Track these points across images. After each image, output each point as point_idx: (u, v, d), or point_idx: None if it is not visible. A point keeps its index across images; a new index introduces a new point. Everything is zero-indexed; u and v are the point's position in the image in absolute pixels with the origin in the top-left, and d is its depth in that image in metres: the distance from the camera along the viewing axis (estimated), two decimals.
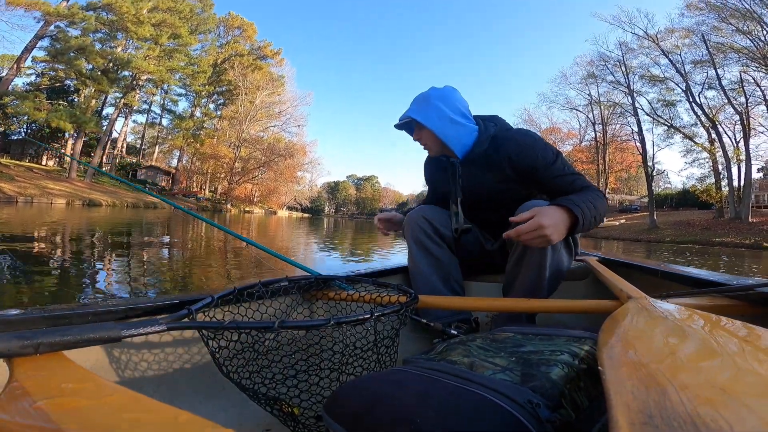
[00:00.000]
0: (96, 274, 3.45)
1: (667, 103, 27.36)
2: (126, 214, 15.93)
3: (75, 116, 26.75)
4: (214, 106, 45.30)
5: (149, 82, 35.56)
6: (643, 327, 0.54)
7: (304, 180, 56.90)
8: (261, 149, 43.18)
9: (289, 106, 45.86)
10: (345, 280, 1.08)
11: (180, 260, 4.66)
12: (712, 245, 18.14)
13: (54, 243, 5.35)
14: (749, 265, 8.71)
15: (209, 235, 8.68)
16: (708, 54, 23.62)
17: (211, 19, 39.81)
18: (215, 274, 3.82)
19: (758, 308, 0.77)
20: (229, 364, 0.70)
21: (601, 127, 31.06)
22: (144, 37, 31.08)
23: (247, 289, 0.90)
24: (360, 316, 0.69)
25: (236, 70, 41.23)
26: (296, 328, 0.67)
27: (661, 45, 25.80)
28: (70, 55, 28.03)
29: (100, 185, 30.22)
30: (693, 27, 24.17)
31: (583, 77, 31.20)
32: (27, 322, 0.61)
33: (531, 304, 0.92)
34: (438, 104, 1.21)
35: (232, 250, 5.92)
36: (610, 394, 0.31)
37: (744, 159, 23.55)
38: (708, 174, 28.84)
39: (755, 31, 21.30)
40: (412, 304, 0.83)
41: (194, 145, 40.29)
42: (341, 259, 6.21)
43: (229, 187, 41.89)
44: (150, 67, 31.34)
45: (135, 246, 5.75)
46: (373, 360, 0.79)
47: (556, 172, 1.17)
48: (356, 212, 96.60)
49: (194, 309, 0.68)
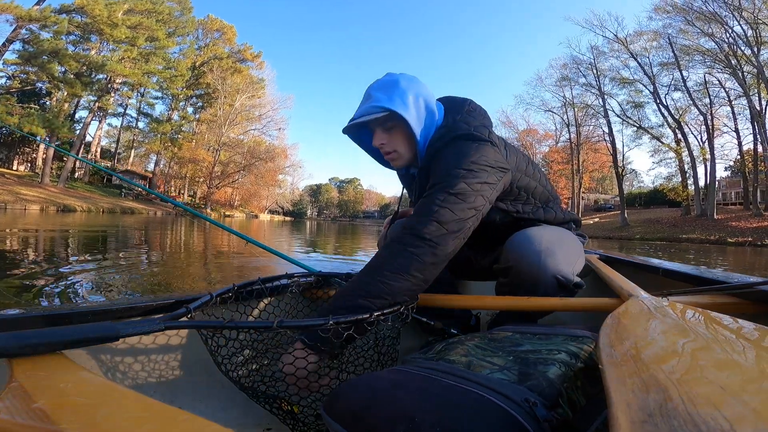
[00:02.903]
0: (67, 281, 3.12)
1: (635, 105, 28.47)
2: (103, 220, 15.68)
3: (48, 121, 26.07)
4: (193, 109, 44.67)
5: (125, 85, 34.88)
6: (643, 325, 0.54)
7: (286, 183, 56.80)
8: (241, 153, 42.82)
9: (269, 109, 45.67)
10: (345, 278, 1.07)
11: (160, 265, 4.67)
12: (679, 242, 18.99)
13: (35, 249, 5.36)
14: (715, 259, 9.12)
15: (188, 240, 8.73)
16: (674, 56, 24.68)
17: (189, 22, 39.27)
18: (193, 279, 3.76)
19: (759, 306, 0.77)
20: (228, 362, 0.69)
21: (575, 128, 32.00)
22: (119, 40, 30.51)
23: (247, 287, 0.89)
24: (360, 316, 0.69)
25: (215, 73, 40.82)
26: (296, 328, 0.66)
27: (630, 48, 26.78)
28: (43, 59, 27.32)
29: (74, 191, 29.47)
30: (660, 30, 25.24)
31: (557, 80, 32.20)
32: (26, 321, 0.62)
33: (531, 303, 0.90)
34: (412, 92, 0.96)
35: (214, 254, 6.00)
36: (611, 393, 0.31)
37: (709, 158, 24.68)
38: (675, 173, 30.10)
39: (719, 33, 22.29)
40: (412, 303, 0.82)
41: (172, 149, 39.62)
42: (329, 260, 6.35)
43: (208, 191, 41.29)
44: (125, 70, 30.74)
45: (112, 251, 5.77)
46: (374, 360, 0.79)
47: (432, 182, 0.91)
48: (339, 215, 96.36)
49: (192, 308, 0.67)
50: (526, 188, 1.05)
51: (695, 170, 25.75)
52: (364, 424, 0.48)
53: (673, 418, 0.23)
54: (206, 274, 4.09)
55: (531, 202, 1.08)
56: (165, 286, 3.09)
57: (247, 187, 44.72)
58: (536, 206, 1.10)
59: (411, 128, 0.94)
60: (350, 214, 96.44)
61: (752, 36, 20.73)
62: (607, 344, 0.46)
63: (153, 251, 5.82)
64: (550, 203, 1.13)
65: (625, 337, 0.48)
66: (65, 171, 30.61)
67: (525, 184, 1.04)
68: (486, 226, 0.99)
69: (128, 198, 34.57)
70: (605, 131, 29.20)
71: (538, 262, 0.93)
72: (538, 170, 1.11)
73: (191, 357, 0.84)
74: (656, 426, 0.23)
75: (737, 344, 0.41)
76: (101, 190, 34.19)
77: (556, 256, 0.95)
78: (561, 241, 1.00)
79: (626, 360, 0.38)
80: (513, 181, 1.01)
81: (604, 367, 0.38)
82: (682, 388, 0.27)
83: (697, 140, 26.22)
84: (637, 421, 0.24)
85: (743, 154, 25.96)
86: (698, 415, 0.23)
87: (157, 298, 0.80)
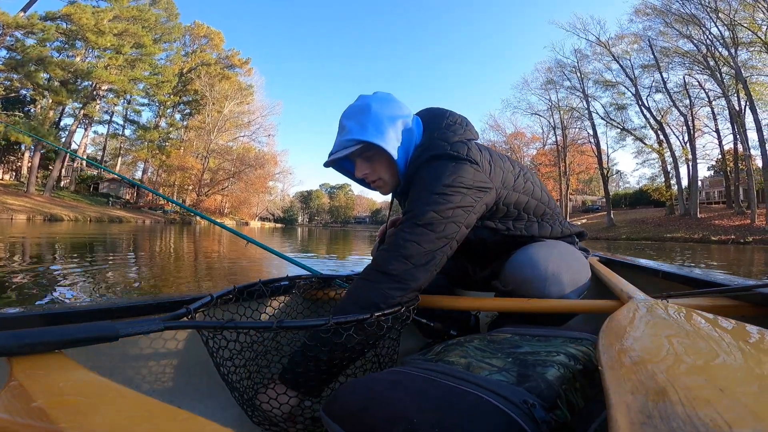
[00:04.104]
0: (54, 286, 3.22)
1: (619, 107, 29.17)
2: (91, 229, 15.50)
3: (34, 129, 25.72)
4: (181, 116, 44.36)
5: (110, 92, 34.55)
6: (643, 327, 0.54)
7: (276, 190, 56.45)
8: (230, 160, 42.61)
9: (258, 116, 45.51)
10: (346, 279, 1.06)
11: (149, 274, 4.71)
12: (664, 241, 19.43)
13: (29, 259, 5.33)
14: (701, 256, 9.37)
15: (178, 247, 8.71)
16: (654, 58, 25.29)
17: (176, 28, 39.12)
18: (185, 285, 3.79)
19: (759, 309, 0.77)
20: (228, 364, 0.69)
21: (561, 131, 32.52)
22: (105, 47, 30.27)
23: (247, 289, 0.89)
24: (360, 317, 0.68)
25: (203, 79, 40.65)
26: (295, 329, 0.66)
27: (612, 51, 27.45)
28: (29, 67, 27.01)
29: (60, 200, 29.03)
30: (641, 32, 25.92)
31: (543, 83, 32.82)
32: (26, 321, 0.63)
33: (531, 304, 0.89)
34: (386, 115, 0.92)
35: (204, 260, 6.04)
36: (610, 394, 0.31)
37: (691, 158, 25.29)
38: (658, 174, 30.76)
39: (697, 35, 22.90)
40: (413, 304, 0.81)
41: (160, 157, 39.25)
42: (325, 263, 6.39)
43: (197, 198, 40.85)
44: (111, 77, 30.50)
45: (101, 259, 5.76)
46: (373, 361, 0.80)
47: (405, 209, 0.91)
48: (330, 221, 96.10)
49: (192, 308, 0.67)
50: (515, 204, 0.98)
51: (677, 170, 26.40)
52: (363, 424, 0.48)
53: (672, 420, 0.23)
54: (211, 274, 4.12)
55: (523, 218, 1.01)
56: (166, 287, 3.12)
57: (236, 194, 44.38)
58: (530, 221, 1.02)
59: (390, 155, 0.90)
60: (341, 219, 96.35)
61: (729, 37, 21.33)
62: (606, 346, 0.46)
63: (157, 257, 5.82)
64: (546, 216, 1.05)
65: (624, 339, 0.48)
66: (51, 180, 30.15)
67: (514, 199, 0.98)
68: (476, 244, 0.99)
69: (116, 207, 34.12)
70: (590, 133, 29.86)
71: (542, 290, 0.89)
72: (532, 181, 1.03)
73: (191, 357, 0.84)
74: (655, 427, 0.23)
75: (737, 346, 0.41)
76: (88, 199, 33.74)
77: (562, 282, 0.90)
78: (568, 264, 0.94)
79: (626, 362, 0.38)
80: (499, 199, 0.94)
81: (603, 369, 0.38)
82: (681, 390, 0.27)
83: (680, 141, 26.96)
84: (636, 422, 0.24)
85: (724, 153, 26.64)
86: (697, 417, 0.23)
87: (157, 298, 0.81)
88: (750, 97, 20.63)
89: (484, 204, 0.90)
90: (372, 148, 0.92)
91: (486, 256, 1.10)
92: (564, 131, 32.42)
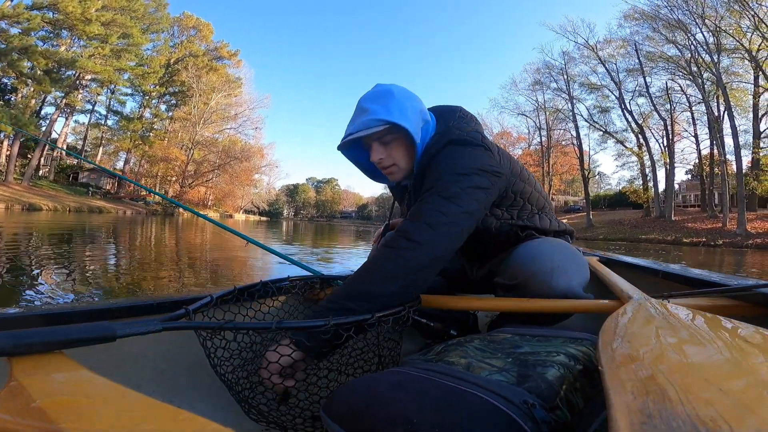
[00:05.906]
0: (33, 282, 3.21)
1: (602, 110, 29.72)
2: (71, 219, 15.30)
3: (16, 118, 25.10)
4: (166, 107, 43.63)
5: (94, 81, 33.81)
6: (643, 327, 0.54)
7: (262, 183, 55.97)
8: (216, 152, 42.23)
9: (245, 109, 45.18)
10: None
11: (127, 269, 4.62)
12: (639, 242, 20.00)
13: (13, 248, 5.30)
14: (672, 258, 9.73)
15: (159, 239, 8.72)
16: (639, 63, 25.81)
17: (164, 18, 38.38)
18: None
19: (758, 309, 0.77)
20: (227, 364, 0.69)
21: (546, 132, 33.06)
22: (92, 35, 29.60)
23: (248, 289, 0.89)
24: (361, 317, 0.68)
25: (190, 71, 40.11)
26: (295, 329, 0.66)
27: (599, 54, 27.89)
28: (13, 56, 26.32)
29: (38, 189, 28.43)
30: (628, 37, 26.35)
31: (530, 84, 33.17)
32: (25, 321, 0.63)
33: (531, 305, 0.88)
34: (408, 101, 0.95)
35: (186, 255, 6.06)
36: (610, 394, 0.31)
37: (668, 162, 26.01)
38: (637, 176, 31.41)
39: (682, 40, 23.43)
40: (414, 305, 0.81)
41: (143, 147, 38.64)
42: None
43: (181, 190, 40.34)
44: (97, 67, 29.84)
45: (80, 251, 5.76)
46: (374, 362, 0.79)
47: (425, 187, 0.92)
48: (316, 215, 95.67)
49: (192, 309, 0.67)
50: (522, 193, 1.02)
51: (655, 173, 27.07)
52: (363, 425, 0.48)
53: (672, 420, 0.24)
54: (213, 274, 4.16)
55: (527, 208, 1.05)
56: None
57: (221, 186, 43.95)
58: (532, 212, 1.06)
59: (413, 138, 0.92)
60: (327, 214, 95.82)
61: (713, 43, 21.77)
62: (606, 346, 0.46)
63: (137, 249, 5.83)
64: (545, 210, 1.10)
65: (624, 339, 0.48)
66: (30, 169, 29.50)
67: (521, 188, 1.02)
68: (482, 233, 1.00)
69: (96, 197, 33.51)
70: (573, 135, 30.32)
71: (549, 280, 0.90)
72: (531, 175, 1.09)
73: (191, 357, 0.82)
74: (655, 428, 0.23)
75: (737, 346, 0.41)
76: (67, 189, 33.08)
77: (568, 272, 0.91)
78: (571, 257, 0.96)
79: (625, 362, 0.38)
80: (508, 186, 0.98)
81: (603, 369, 0.38)
82: (682, 390, 0.27)
83: (659, 144, 27.59)
84: (637, 422, 0.24)
85: (702, 158, 27.42)
86: (697, 417, 0.23)
87: (156, 299, 0.81)
88: (728, 103, 21.09)
89: (498, 189, 0.95)
90: (393, 131, 0.93)
91: (486, 251, 1.12)
92: (549, 132, 32.95)
